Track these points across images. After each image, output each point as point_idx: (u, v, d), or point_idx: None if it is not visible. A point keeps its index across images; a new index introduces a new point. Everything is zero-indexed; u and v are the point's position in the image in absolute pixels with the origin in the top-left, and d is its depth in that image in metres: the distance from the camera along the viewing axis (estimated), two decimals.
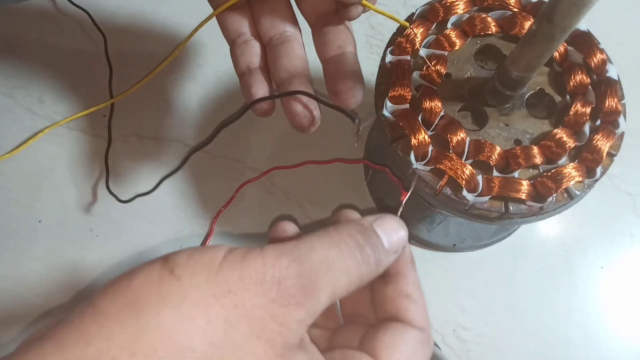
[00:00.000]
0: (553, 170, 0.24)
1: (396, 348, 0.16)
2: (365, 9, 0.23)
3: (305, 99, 0.23)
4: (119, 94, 0.39)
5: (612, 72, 0.26)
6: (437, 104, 0.25)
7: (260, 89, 0.24)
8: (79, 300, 0.36)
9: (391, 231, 0.17)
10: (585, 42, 0.26)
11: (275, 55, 0.24)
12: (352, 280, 0.15)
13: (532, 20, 0.27)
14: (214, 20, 0.25)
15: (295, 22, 0.25)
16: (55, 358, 0.12)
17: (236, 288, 0.13)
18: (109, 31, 0.42)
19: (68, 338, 0.12)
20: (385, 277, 0.18)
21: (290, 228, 0.19)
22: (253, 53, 0.24)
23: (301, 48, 0.24)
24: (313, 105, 0.23)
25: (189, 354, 0.12)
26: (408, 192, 0.22)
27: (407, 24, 0.26)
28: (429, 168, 0.24)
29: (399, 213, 0.20)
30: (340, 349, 0.17)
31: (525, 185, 0.24)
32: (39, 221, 0.38)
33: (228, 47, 0.25)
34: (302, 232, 0.18)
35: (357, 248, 0.16)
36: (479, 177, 0.24)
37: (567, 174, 0.24)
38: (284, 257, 0.14)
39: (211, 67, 0.42)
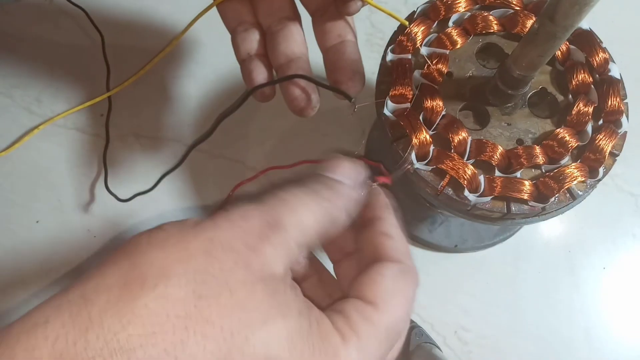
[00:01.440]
0: (555, 170, 0.24)
1: (377, 284, 0.16)
2: (364, 3, 0.22)
3: (303, 82, 0.23)
4: (116, 86, 0.39)
5: (614, 71, 0.26)
6: (438, 103, 0.25)
7: (261, 74, 0.24)
8: None
9: (337, 167, 0.18)
10: (588, 41, 0.26)
11: (274, 41, 0.24)
12: (318, 216, 0.16)
13: (534, 18, 0.26)
14: (212, 18, 0.25)
15: (294, 10, 0.25)
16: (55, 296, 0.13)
17: (210, 227, 0.14)
18: (107, 29, 0.42)
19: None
20: (364, 223, 0.19)
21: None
22: (253, 40, 0.24)
23: (300, 34, 0.24)
24: (311, 88, 0.23)
25: (175, 281, 0.13)
26: (389, 173, 0.22)
27: (407, 23, 0.25)
28: (430, 168, 0.24)
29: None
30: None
31: (527, 185, 0.24)
32: (37, 221, 0.38)
33: (226, 47, 0.25)
34: None
35: (310, 189, 0.17)
36: (481, 177, 0.24)
37: (569, 174, 0.24)
38: (248, 204, 0.15)
39: (209, 66, 0.42)
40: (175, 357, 0.12)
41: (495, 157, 0.24)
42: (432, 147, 0.24)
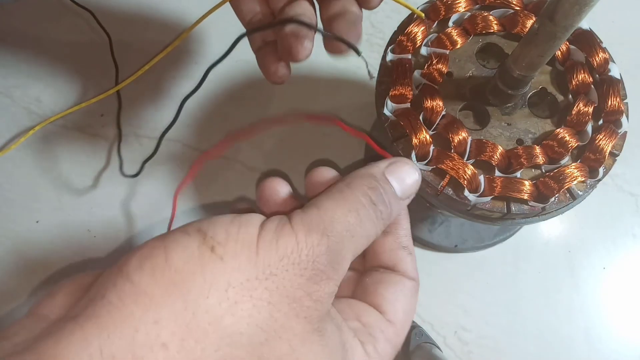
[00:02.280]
0: (555, 170, 0.24)
1: (397, 302, 0.17)
2: None
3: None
4: (122, 82, 0.39)
5: (614, 71, 0.26)
6: (438, 103, 0.25)
7: (276, 61, 0.23)
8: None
9: (405, 176, 0.18)
10: (588, 41, 0.26)
11: (282, 12, 0.23)
12: (370, 239, 0.16)
13: (534, 18, 0.26)
14: (213, 19, 0.25)
15: None
16: (103, 343, 0.12)
17: (277, 270, 0.14)
18: (112, 29, 0.42)
19: (112, 321, 0.12)
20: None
21: (282, 188, 0.18)
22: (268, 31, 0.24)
23: (310, 9, 0.23)
24: (305, 31, 0.22)
25: (237, 338, 0.13)
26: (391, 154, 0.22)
27: (422, 15, 0.25)
28: (430, 168, 0.24)
29: None
30: (346, 300, 0.17)
31: (527, 185, 0.24)
32: (37, 222, 0.38)
33: (227, 47, 0.25)
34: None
35: (371, 208, 0.16)
36: (481, 177, 0.24)
37: (569, 174, 0.24)
38: (313, 234, 0.15)
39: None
40: None
41: (495, 157, 0.24)
42: (432, 147, 0.24)
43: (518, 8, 0.27)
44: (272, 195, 0.18)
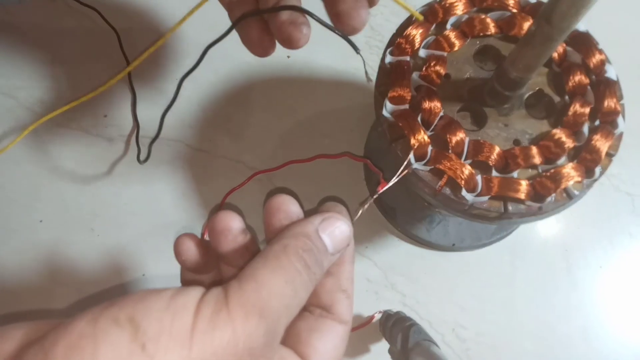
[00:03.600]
0: (552, 170, 0.24)
1: (327, 354, 0.17)
2: None
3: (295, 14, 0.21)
4: (132, 66, 0.39)
5: (610, 72, 0.26)
6: (436, 105, 0.25)
7: (261, 32, 0.22)
8: (78, 306, 0.36)
9: (337, 231, 0.18)
10: (584, 43, 0.26)
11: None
12: (303, 304, 0.16)
13: (531, 21, 0.27)
14: (213, 20, 0.25)
15: None
16: None
17: (208, 343, 0.13)
18: (119, 25, 0.42)
19: None
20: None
21: (293, 208, 0.18)
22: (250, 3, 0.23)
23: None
24: (302, 18, 0.21)
25: None
26: (388, 182, 0.22)
27: (421, 17, 0.25)
28: (428, 168, 0.24)
29: (367, 205, 0.21)
30: (277, 350, 0.17)
31: (524, 185, 0.24)
32: (40, 221, 0.38)
33: (226, 49, 0.25)
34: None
35: (306, 272, 0.16)
36: (478, 177, 0.24)
37: (566, 174, 0.24)
38: (251, 318, 0.14)
39: (209, 68, 0.42)
40: None
41: (493, 157, 0.24)
42: (430, 148, 0.24)
43: (515, 10, 0.27)
44: (282, 219, 0.18)
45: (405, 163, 0.24)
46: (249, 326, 0.14)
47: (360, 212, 0.21)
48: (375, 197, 0.22)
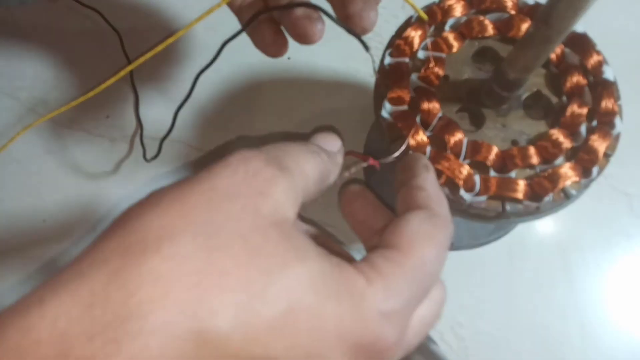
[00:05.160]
0: (550, 171, 0.24)
1: (399, 230, 0.15)
2: None
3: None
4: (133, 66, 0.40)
5: (608, 73, 0.26)
6: (435, 106, 0.25)
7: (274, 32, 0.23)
8: None
9: (323, 138, 0.19)
10: (582, 44, 0.27)
11: None
12: (316, 169, 0.16)
13: (529, 22, 0.27)
14: (213, 20, 0.25)
15: None
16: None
17: (207, 177, 0.14)
18: (121, 26, 0.42)
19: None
20: (399, 186, 0.18)
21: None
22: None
23: None
24: (316, 14, 0.22)
25: (179, 239, 0.12)
26: (377, 161, 0.22)
27: (426, 17, 0.26)
28: None
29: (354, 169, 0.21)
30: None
31: (522, 185, 0.24)
32: (43, 221, 0.39)
33: (228, 50, 0.26)
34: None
35: (307, 146, 0.17)
36: (476, 177, 0.24)
37: (563, 174, 0.24)
38: (245, 149, 0.15)
39: (212, 69, 0.43)
40: (194, 314, 0.11)
41: (491, 157, 0.25)
42: (428, 148, 0.25)
43: (513, 12, 0.28)
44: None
45: (404, 147, 0.24)
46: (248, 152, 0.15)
47: (347, 174, 0.21)
48: (364, 164, 0.22)
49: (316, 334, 0.12)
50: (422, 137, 0.25)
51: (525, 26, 0.27)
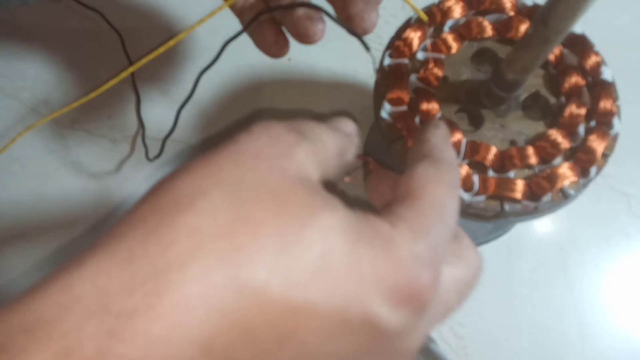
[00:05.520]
0: (548, 171, 0.25)
1: (408, 180, 0.16)
2: None
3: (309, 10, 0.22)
4: (117, 79, 0.40)
5: (606, 74, 0.26)
6: (434, 106, 0.25)
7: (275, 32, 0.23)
8: None
9: (340, 120, 0.19)
10: (581, 45, 0.27)
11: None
12: (335, 142, 0.16)
13: (527, 23, 0.27)
14: (213, 21, 0.25)
15: None
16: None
17: (233, 143, 0.14)
18: (122, 27, 0.43)
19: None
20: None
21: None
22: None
23: None
24: (317, 15, 0.22)
25: (210, 194, 0.12)
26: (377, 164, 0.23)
27: (426, 17, 0.26)
28: None
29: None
30: None
31: (520, 185, 0.24)
32: (45, 221, 0.39)
33: (229, 50, 0.26)
34: None
35: (321, 122, 0.17)
36: (475, 177, 0.24)
37: (561, 174, 0.24)
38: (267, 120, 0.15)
39: (212, 69, 0.43)
40: (231, 262, 0.11)
41: (489, 157, 0.25)
42: None
43: (512, 13, 0.28)
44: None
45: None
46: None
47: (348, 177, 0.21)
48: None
49: (354, 278, 0.12)
50: None
51: (524, 27, 0.27)
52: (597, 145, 0.25)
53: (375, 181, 0.19)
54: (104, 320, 0.10)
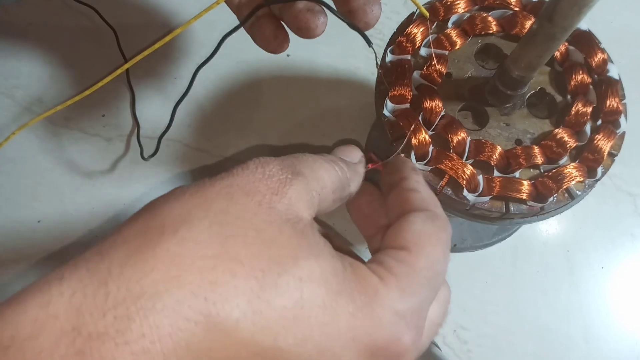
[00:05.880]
0: (554, 170, 0.24)
1: (405, 231, 0.15)
2: None
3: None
4: (114, 74, 0.39)
5: (613, 71, 0.26)
6: (437, 104, 0.25)
7: (275, 27, 0.23)
8: None
9: (343, 150, 0.19)
10: (586, 42, 0.26)
11: None
12: (333, 177, 0.16)
13: (532, 19, 0.26)
14: (212, 20, 0.25)
15: None
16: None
17: (227, 176, 0.14)
18: (117, 24, 0.42)
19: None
20: (392, 186, 0.19)
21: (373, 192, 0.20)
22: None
23: None
24: (318, 7, 0.22)
25: (196, 224, 0.12)
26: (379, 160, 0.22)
27: (427, 13, 0.25)
28: (429, 168, 0.24)
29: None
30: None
31: (526, 185, 0.24)
32: (38, 221, 0.38)
33: (226, 48, 0.25)
34: None
35: (325, 157, 0.17)
36: (480, 177, 0.24)
37: (568, 174, 0.24)
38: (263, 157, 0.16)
39: (210, 67, 0.42)
40: (205, 298, 0.11)
41: (494, 157, 0.24)
42: (431, 147, 0.24)
43: (517, 9, 0.27)
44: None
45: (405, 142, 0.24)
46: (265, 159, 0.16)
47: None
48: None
49: (328, 330, 0.12)
50: (424, 136, 0.24)
51: (529, 23, 0.26)
52: (604, 144, 0.24)
53: (356, 195, 0.19)
54: (75, 341, 0.10)
